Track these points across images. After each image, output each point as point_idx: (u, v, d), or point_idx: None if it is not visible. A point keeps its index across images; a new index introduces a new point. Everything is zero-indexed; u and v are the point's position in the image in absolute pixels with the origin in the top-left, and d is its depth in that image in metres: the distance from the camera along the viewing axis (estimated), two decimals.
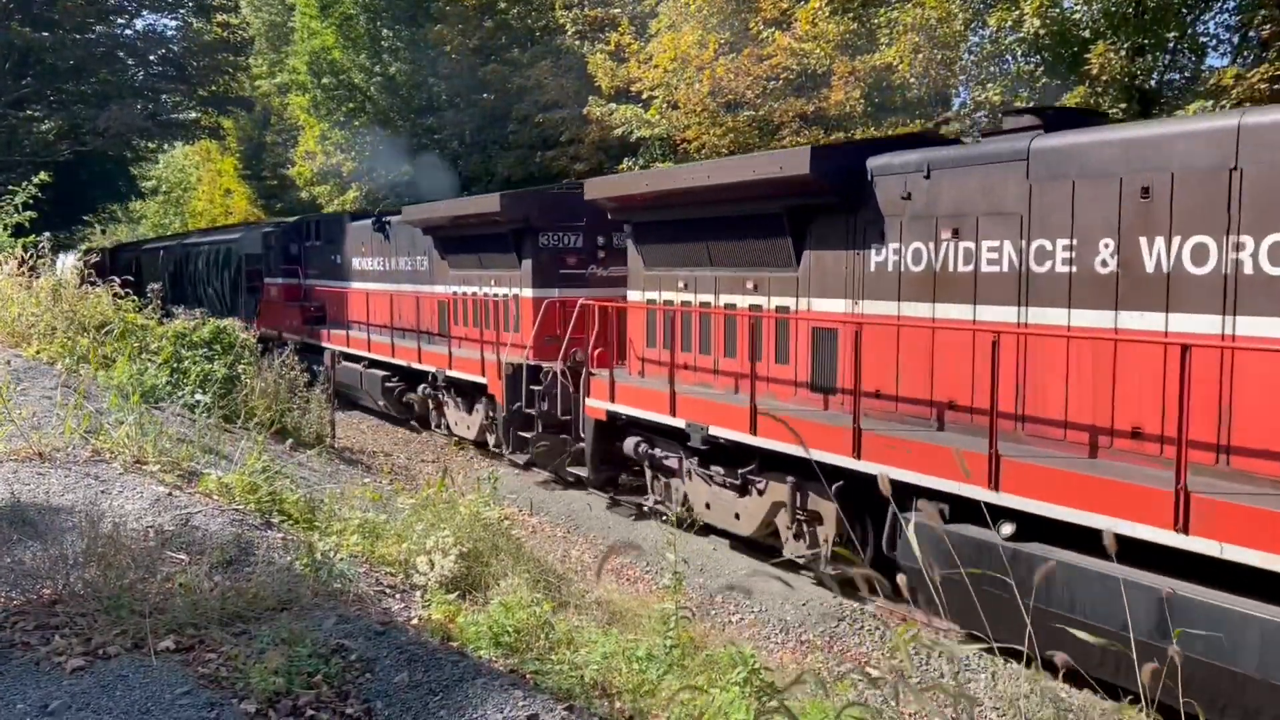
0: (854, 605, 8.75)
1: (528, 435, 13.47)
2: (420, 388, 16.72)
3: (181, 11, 35.28)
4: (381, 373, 17.77)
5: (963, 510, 7.16)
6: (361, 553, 6.76)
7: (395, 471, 13.18)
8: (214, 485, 7.35)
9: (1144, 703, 3.32)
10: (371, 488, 9.01)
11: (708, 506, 10.22)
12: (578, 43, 24.17)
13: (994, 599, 5.52)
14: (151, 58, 34.78)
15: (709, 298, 10.57)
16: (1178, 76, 14.47)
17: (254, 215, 44.59)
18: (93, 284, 13.97)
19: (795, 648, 8.33)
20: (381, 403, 18.03)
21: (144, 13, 34.98)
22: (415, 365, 16.44)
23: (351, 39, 29.74)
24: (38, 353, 11.50)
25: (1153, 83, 13.68)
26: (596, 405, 11.63)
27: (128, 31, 34.62)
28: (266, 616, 4.99)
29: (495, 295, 14.66)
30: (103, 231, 52.15)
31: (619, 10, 23.13)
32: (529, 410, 13.45)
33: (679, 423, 10.18)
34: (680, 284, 10.99)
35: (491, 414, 14.50)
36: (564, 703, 4.39)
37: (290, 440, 11.99)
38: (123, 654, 4.49)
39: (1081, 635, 3.62)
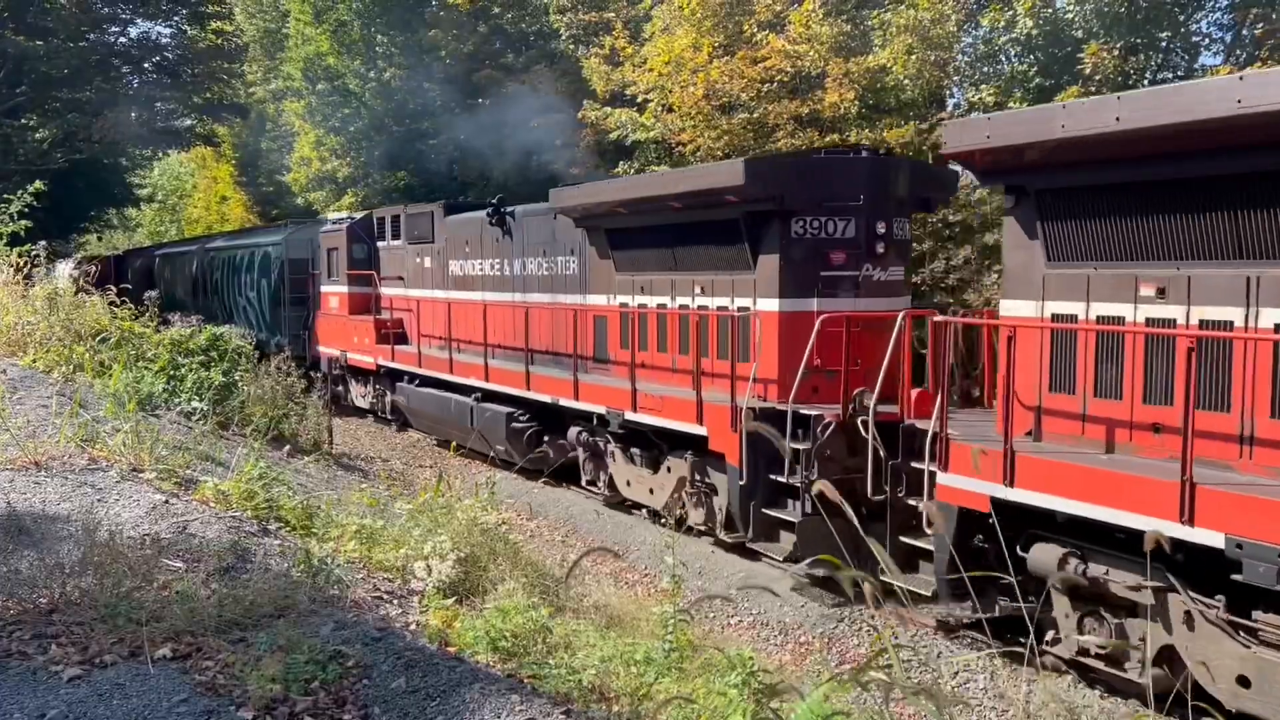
0: (852, 606, 8.75)
1: (783, 515, 9.48)
2: (573, 432, 12.76)
3: (176, 19, 35.29)
4: (504, 409, 13.81)
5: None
6: (359, 558, 6.76)
7: (393, 477, 13.17)
8: (211, 492, 7.34)
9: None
10: (369, 493, 9.02)
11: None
12: (572, 47, 24.18)
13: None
14: (146, 65, 34.81)
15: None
16: (1171, 76, 14.50)
17: (249, 222, 44.54)
18: (87, 293, 13.96)
19: (794, 649, 8.33)
20: (501, 447, 13.76)
21: (138, 20, 35.01)
22: (567, 403, 12.37)
23: (346, 45, 29.74)
24: (34, 361, 11.50)
25: (1146, 82, 13.71)
26: (968, 487, 7.39)
27: (122, 39, 34.64)
28: (264, 623, 4.99)
29: (710, 308, 10.72)
30: (99, 239, 52.12)
31: (613, 14, 23.13)
32: (782, 478, 9.28)
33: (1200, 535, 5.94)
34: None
35: (701, 477, 10.51)
36: (561, 707, 4.39)
37: (287, 446, 11.99)
38: (120, 662, 4.48)
39: None
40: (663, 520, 10.65)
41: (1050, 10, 13.56)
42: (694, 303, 11.01)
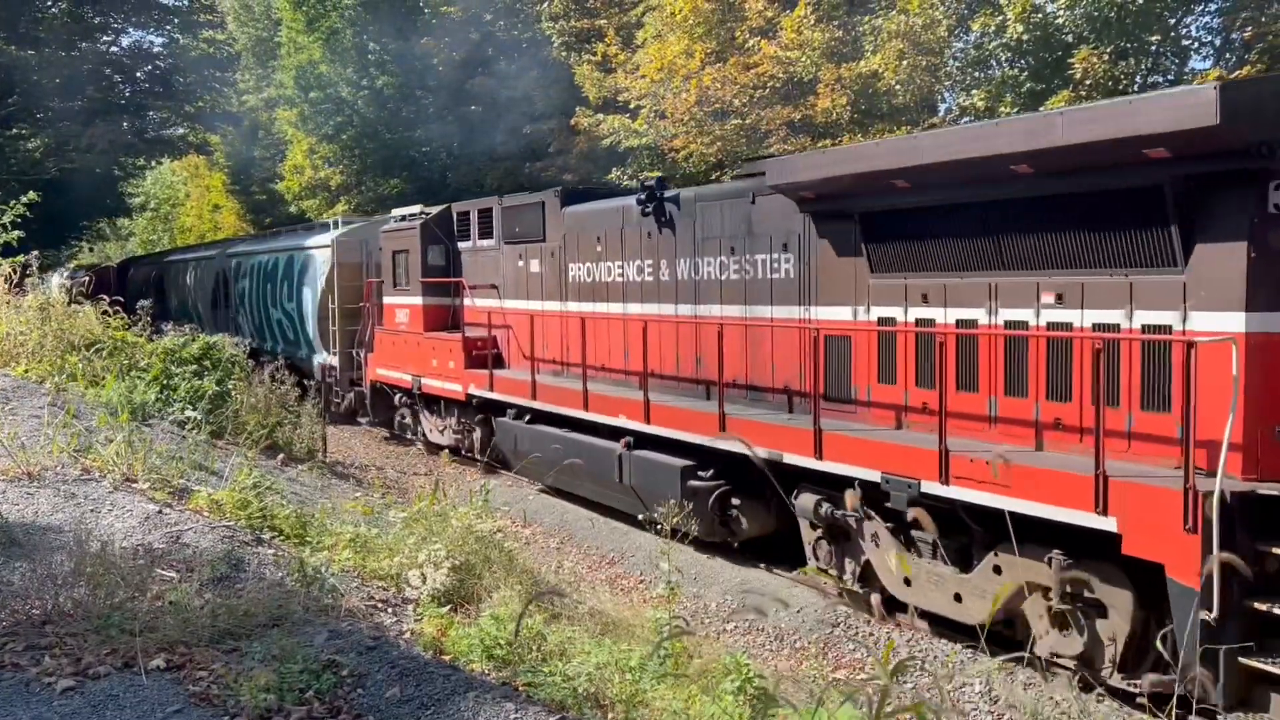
0: (847, 611, 8.75)
1: None
2: (805, 502, 8.91)
3: (167, 28, 35.30)
4: (676, 460, 10.23)
5: None
6: (353, 567, 6.74)
7: (387, 485, 13.15)
8: (204, 502, 7.33)
9: None
10: (363, 501, 9.00)
11: None
12: (565, 54, 24.23)
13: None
14: (138, 74, 34.79)
15: None
16: (1161, 79, 14.56)
17: (243, 230, 44.46)
18: (79, 304, 13.93)
19: (790, 655, 8.33)
20: (665, 508, 7.92)
21: (130, 29, 35.02)
22: (800, 460, 8.67)
23: (338, 52, 29.75)
24: (26, 371, 11.47)
25: (1136, 86, 13.77)
26: None
27: (114, 48, 34.64)
28: (258, 633, 4.98)
29: (1076, 324, 7.22)
30: (90, 249, 52.01)
31: (605, 21, 23.19)
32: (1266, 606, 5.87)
33: None
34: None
35: (1076, 589, 6.78)
36: (556, 714, 4.39)
37: (281, 455, 11.96)
38: (113, 673, 4.47)
39: None
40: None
41: (1040, 15, 13.61)
42: (1038, 318, 7.45)
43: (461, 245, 15.52)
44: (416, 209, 16.11)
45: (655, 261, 11.52)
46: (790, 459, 8.74)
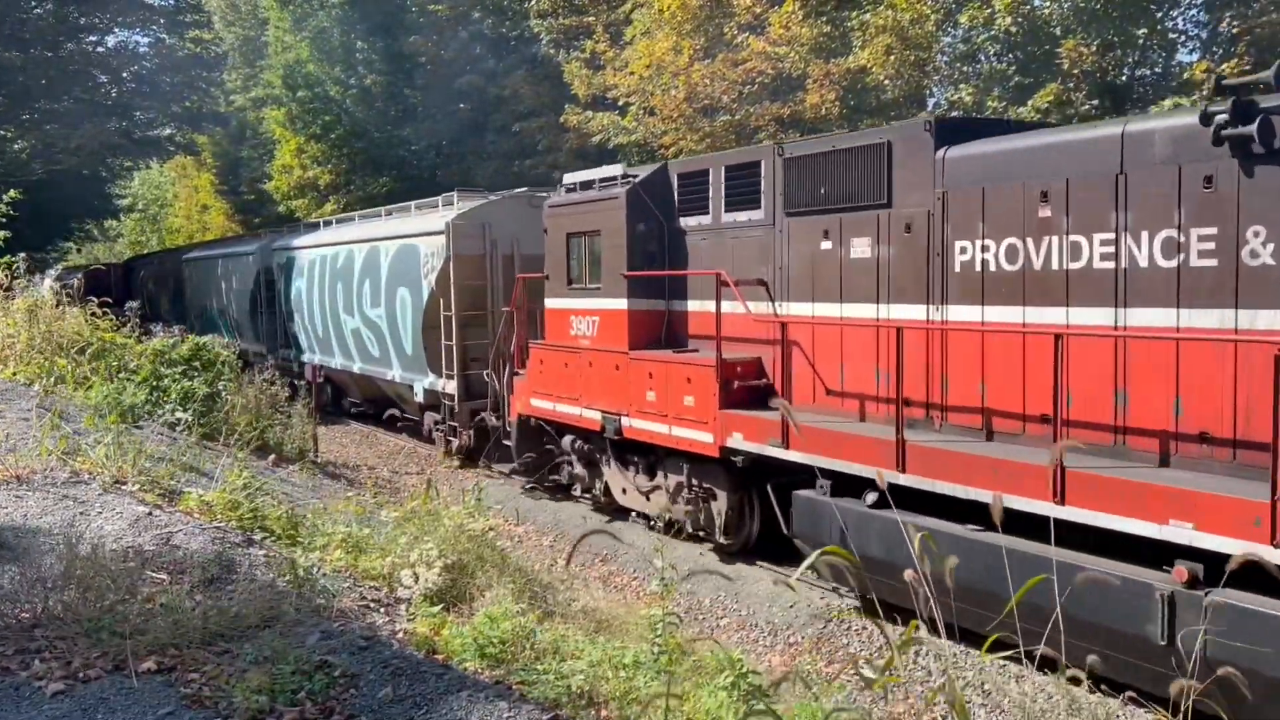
0: (841, 605, 8.76)
1: None
2: None
3: (154, 28, 35.15)
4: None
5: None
6: (345, 567, 6.72)
7: (379, 484, 13.12)
8: (195, 503, 7.30)
9: None
10: (355, 501, 8.97)
11: None
12: (553, 51, 24.20)
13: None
14: (125, 74, 34.63)
15: None
16: (1149, 72, 14.61)
17: (232, 230, 44.32)
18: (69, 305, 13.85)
19: (784, 649, 8.33)
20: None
21: (116, 29, 34.83)
22: None
23: (326, 52, 29.67)
24: (14, 374, 11.41)
25: (1123, 79, 13.81)
26: None
27: (100, 49, 34.46)
28: (249, 634, 4.96)
29: None
30: (79, 250, 51.79)
31: (594, 18, 23.16)
32: None
33: None
34: None
35: None
36: (550, 712, 4.38)
37: (272, 455, 11.92)
38: (104, 676, 4.44)
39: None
40: None
41: (1028, 7, 13.64)
42: None
43: (687, 222, 10.61)
44: (614, 169, 11.26)
45: (1231, 230, 6.21)
46: None
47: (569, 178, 11.94)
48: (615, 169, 11.30)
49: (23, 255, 15.05)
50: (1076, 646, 5.70)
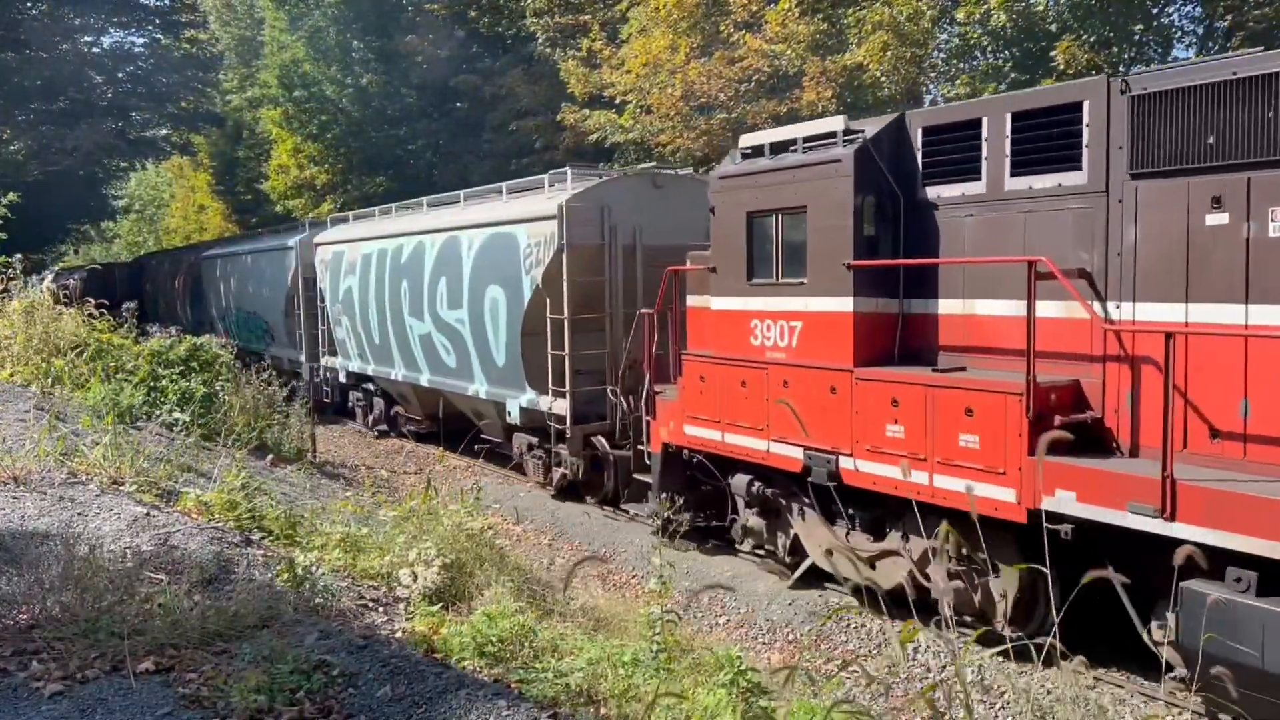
0: (839, 602, 8.76)
1: None
2: None
3: (149, 28, 35.10)
4: None
5: None
6: (343, 567, 6.72)
7: (377, 484, 13.12)
8: (193, 504, 7.29)
9: None
10: (353, 501, 8.97)
11: None
12: (549, 50, 24.19)
13: None
14: (120, 75, 34.57)
15: None
16: (1145, 68, 14.60)
17: (229, 231, 44.28)
18: (66, 305, 13.84)
19: (783, 647, 8.33)
20: None
21: (111, 30, 34.78)
22: None
23: (322, 51, 29.65)
24: (10, 375, 11.40)
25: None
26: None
27: (95, 49, 34.41)
28: (248, 634, 4.95)
29: None
30: (75, 251, 51.76)
31: (590, 17, 23.15)
32: None
33: None
34: None
35: None
36: (549, 711, 4.38)
37: (270, 456, 11.91)
38: (101, 677, 4.44)
39: None
40: None
41: (1024, 4, 13.64)
42: None
43: (940, 192, 7.95)
44: (831, 123, 8.42)
45: None
46: None
47: (748, 139, 9.11)
48: (833, 122, 8.39)
49: (19, 256, 15.03)
50: None
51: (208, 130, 40.89)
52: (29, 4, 30.81)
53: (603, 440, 11.85)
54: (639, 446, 10.86)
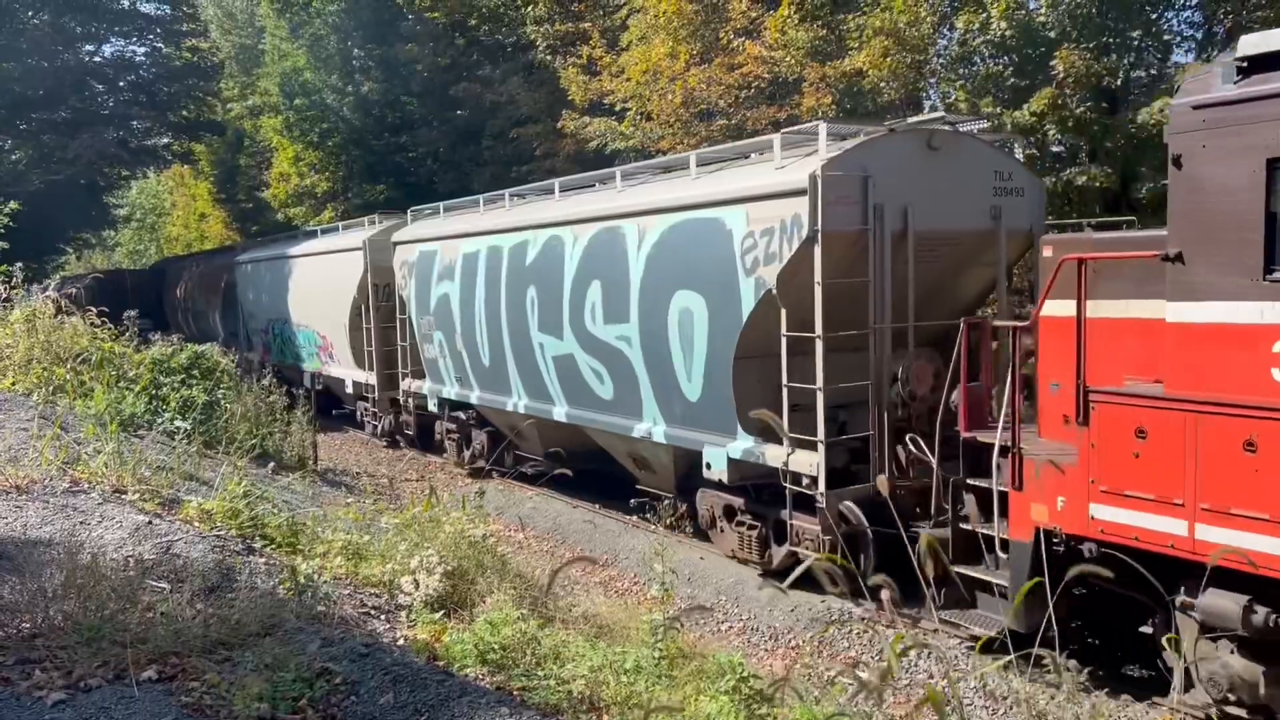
0: (841, 609, 8.75)
1: None
2: None
3: (150, 37, 35.15)
4: None
5: None
6: (345, 574, 6.72)
7: (379, 491, 13.12)
8: (195, 512, 7.29)
9: None
10: (355, 508, 8.97)
11: None
12: (549, 57, 24.24)
13: None
14: (121, 84, 34.61)
15: None
16: (1144, 75, 14.62)
17: (230, 239, 44.31)
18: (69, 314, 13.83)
19: (785, 653, 8.33)
20: None
21: (112, 39, 34.84)
22: None
23: (322, 59, 29.71)
24: (13, 384, 11.40)
25: (1118, 81, 13.84)
26: None
27: (96, 58, 34.46)
28: (250, 642, 4.95)
29: None
30: (77, 258, 51.82)
31: (589, 24, 23.20)
32: None
33: None
34: None
35: None
36: (551, 718, 4.38)
37: (272, 463, 11.92)
38: (104, 685, 4.44)
39: None
40: None
41: (1023, 13, 13.66)
42: None
43: None
44: None
45: None
46: None
47: (1253, 43, 6.01)
48: None
49: (19, 265, 15.05)
50: None
51: (209, 139, 40.92)
52: (31, 14, 30.87)
53: (855, 509, 8.20)
54: (961, 525, 7.71)
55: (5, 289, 13.76)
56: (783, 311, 8.83)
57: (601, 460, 12.31)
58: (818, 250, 8.43)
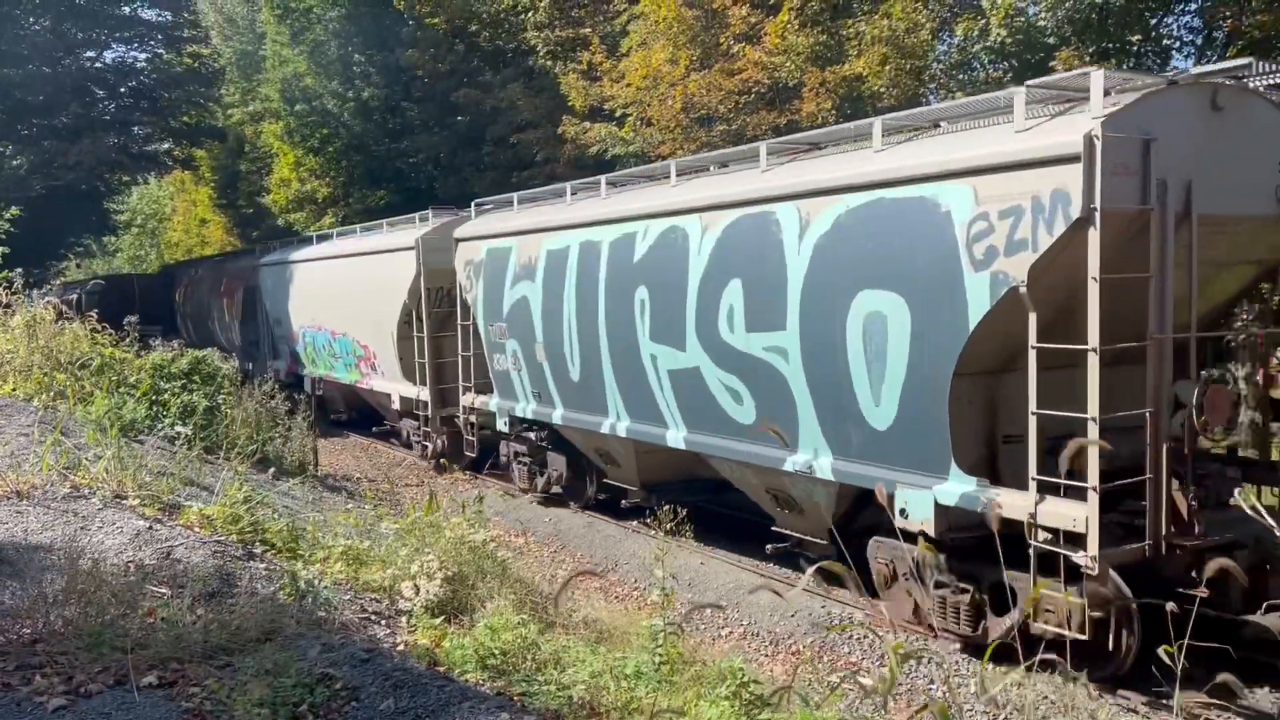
0: (842, 613, 8.75)
1: None
2: None
3: (151, 44, 35.24)
4: None
5: None
6: (346, 580, 6.72)
7: (379, 496, 13.12)
8: (195, 517, 7.30)
9: None
10: (355, 513, 8.97)
11: None
12: (550, 63, 24.28)
13: None
14: (122, 90, 34.69)
15: None
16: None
17: (231, 245, 44.33)
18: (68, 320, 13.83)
19: (785, 659, 8.32)
20: None
21: (113, 45, 34.91)
22: None
23: (323, 65, 29.75)
24: (13, 389, 11.42)
25: None
26: None
27: (97, 64, 34.54)
28: (250, 647, 4.95)
29: None
30: (78, 265, 51.87)
31: (590, 30, 23.25)
32: None
33: None
34: None
35: None
36: None
37: (272, 469, 11.93)
38: (105, 691, 4.44)
39: None
40: None
41: (1022, 19, 13.69)
42: None
43: None
44: None
45: None
46: None
47: None
48: None
49: (19, 271, 15.06)
50: None
51: (209, 144, 41.00)
52: (32, 19, 30.93)
53: (1116, 577, 6.74)
54: None
55: (6, 295, 13.76)
56: (1031, 317, 6.87)
57: (712, 491, 11.16)
58: (1093, 235, 6.45)
